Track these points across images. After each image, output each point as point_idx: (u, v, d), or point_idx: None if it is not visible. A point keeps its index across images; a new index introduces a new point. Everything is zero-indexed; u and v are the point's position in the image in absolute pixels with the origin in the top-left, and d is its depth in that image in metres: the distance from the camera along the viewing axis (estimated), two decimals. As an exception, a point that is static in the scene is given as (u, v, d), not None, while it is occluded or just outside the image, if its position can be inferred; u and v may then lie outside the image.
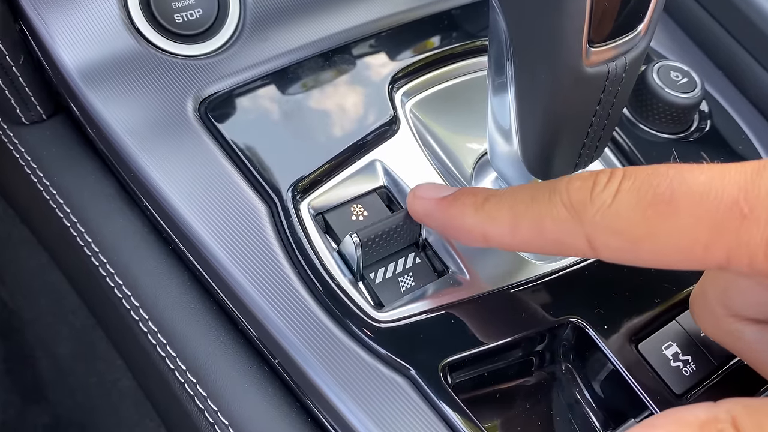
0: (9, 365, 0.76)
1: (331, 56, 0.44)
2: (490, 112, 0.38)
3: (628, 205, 0.27)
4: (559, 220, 0.29)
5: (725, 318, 0.33)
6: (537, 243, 0.30)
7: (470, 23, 0.47)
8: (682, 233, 0.26)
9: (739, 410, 0.25)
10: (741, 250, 0.25)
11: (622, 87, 0.33)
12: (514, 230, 0.31)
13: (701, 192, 0.26)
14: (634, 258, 0.28)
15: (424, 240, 0.38)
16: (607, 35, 0.30)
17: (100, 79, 0.40)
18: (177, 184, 0.38)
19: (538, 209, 0.30)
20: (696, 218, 0.26)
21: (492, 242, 0.32)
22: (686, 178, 0.26)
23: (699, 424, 0.25)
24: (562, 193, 0.29)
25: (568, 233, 0.29)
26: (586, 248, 0.29)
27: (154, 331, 0.39)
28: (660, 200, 0.26)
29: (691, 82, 0.45)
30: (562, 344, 0.37)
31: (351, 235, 0.36)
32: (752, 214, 0.25)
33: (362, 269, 0.37)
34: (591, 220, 0.28)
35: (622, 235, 0.27)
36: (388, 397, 0.33)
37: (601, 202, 0.28)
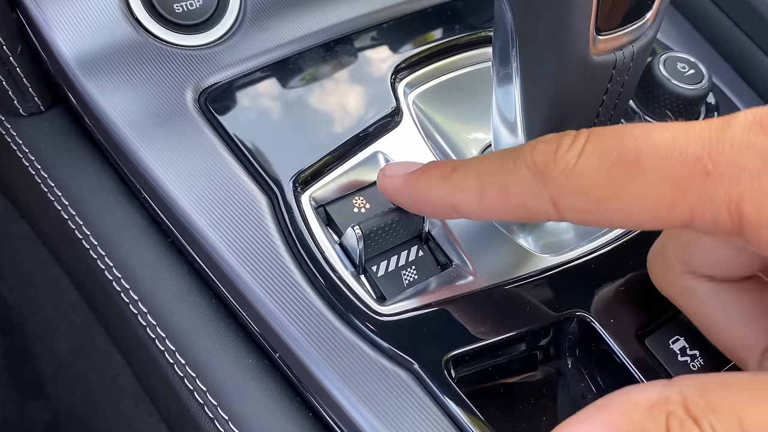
0: (8, 361, 0.76)
1: (332, 47, 0.43)
2: (494, 103, 0.37)
3: (593, 165, 0.27)
4: (523, 183, 0.29)
5: (682, 275, 0.33)
6: (504, 209, 0.30)
7: (474, 13, 0.46)
8: (647, 192, 0.26)
9: (691, 391, 0.24)
10: (704, 206, 0.25)
11: (629, 76, 0.33)
12: (480, 197, 0.30)
13: (666, 150, 0.26)
14: (600, 219, 0.28)
15: (427, 233, 0.38)
16: (615, 23, 0.30)
17: (99, 69, 0.40)
18: (176, 176, 0.38)
19: (503, 175, 0.29)
20: (660, 176, 0.26)
21: (461, 212, 0.32)
22: (651, 136, 0.26)
23: (648, 405, 0.24)
24: (527, 156, 0.29)
25: (533, 196, 0.29)
26: (552, 211, 0.28)
27: (153, 325, 0.38)
28: (625, 159, 0.26)
29: (698, 74, 0.45)
30: (567, 338, 0.36)
31: (353, 227, 0.35)
32: (716, 170, 0.25)
33: (364, 262, 0.36)
34: (555, 181, 0.28)
35: (587, 195, 0.27)
36: (391, 391, 0.33)
37: (565, 163, 0.27)
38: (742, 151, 0.24)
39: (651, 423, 0.24)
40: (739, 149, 0.25)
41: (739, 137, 0.25)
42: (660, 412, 0.24)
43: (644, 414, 0.24)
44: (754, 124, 0.25)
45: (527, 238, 0.39)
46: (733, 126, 0.25)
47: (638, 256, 0.38)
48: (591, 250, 0.38)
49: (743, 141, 0.25)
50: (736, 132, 0.25)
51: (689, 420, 0.24)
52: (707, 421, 0.23)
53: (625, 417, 0.25)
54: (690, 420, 0.24)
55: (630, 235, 0.39)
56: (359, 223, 0.35)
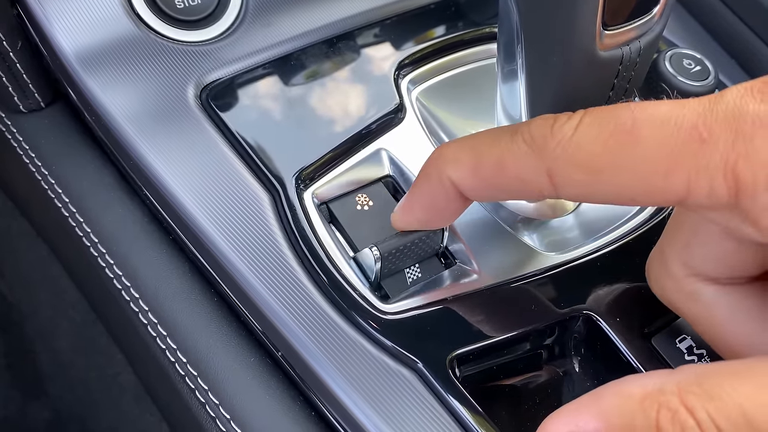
0: (9, 359, 0.76)
1: (335, 43, 0.43)
2: (499, 100, 0.37)
3: (589, 136, 0.27)
4: (519, 155, 0.29)
5: (685, 279, 0.32)
6: (499, 181, 0.30)
7: (479, 9, 0.46)
8: (643, 161, 0.26)
9: (691, 380, 0.24)
10: (700, 174, 0.25)
11: (635, 72, 0.32)
12: (476, 169, 0.30)
13: (662, 120, 0.26)
14: (595, 192, 0.28)
15: (445, 249, 0.37)
16: (622, 18, 0.30)
17: (99, 64, 0.39)
18: (178, 173, 0.37)
19: (499, 147, 0.30)
20: (656, 145, 0.26)
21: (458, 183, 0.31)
22: (647, 108, 0.26)
23: (642, 396, 0.24)
24: (524, 130, 0.29)
25: (529, 168, 0.29)
26: (547, 184, 0.28)
27: (154, 323, 0.38)
28: (621, 129, 0.26)
29: (704, 71, 0.44)
30: (573, 337, 0.36)
31: (371, 248, 0.35)
32: (711, 137, 0.25)
33: (380, 280, 0.36)
34: (552, 153, 0.28)
35: (583, 167, 0.27)
36: (395, 390, 0.33)
37: (561, 135, 0.28)
38: (735, 117, 0.25)
39: (641, 416, 0.23)
40: (732, 115, 0.25)
41: (732, 105, 0.25)
42: (651, 404, 0.23)
43: (635, 406, 0.24)
44: (746, 92, 0.25)
45: (532, 236, 0.39)
46: (726, 96, 0.25)
47: (644, 253, 0.38)
48: (596, 248, 0.38)
49: (736, 107, 0.25)
50: (728, 100, 0.25)
51: (682, 410, 0.23)
52: (704, 410, 0.23)
53: (617, 408, 0.24)
54: (683, 410, 0.23)
55: (636, 233, 0.39)
56: (377, 243, 0.34)
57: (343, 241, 0.37)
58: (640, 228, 0.39)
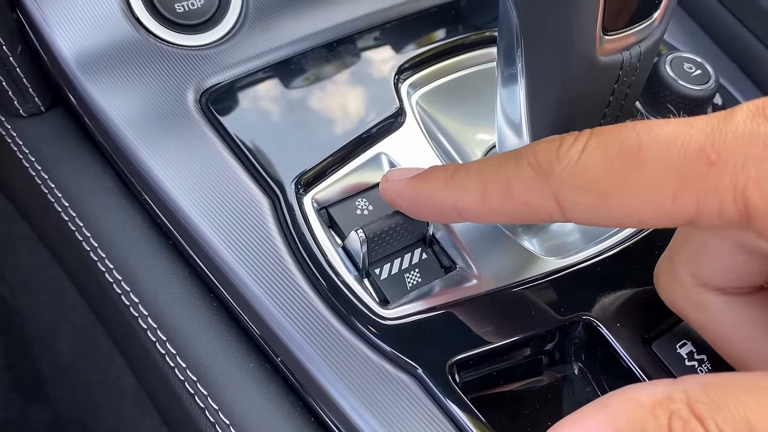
0: (9, 362, 0.76)
1: (335, 47, 0.43)
2: (499, 104, 0.37)
3: (595, 159, 0.27)
4: (526, 181, 0.29)
5: (694, 288, 0.32)
6: (506, 208, 0.30)
7: (479, 13, 0.46)
8: (650, 184, 0.26)
9: (697, 390, 0.23)
10: (709, 197, 0.25)
11: (636, 77, 0.32)
12: (483, 197, 0.30)
13: (668, 141, 0.25)
14: (603, 216, 0.28)
15: (432, 236, 0.37)
16: (622, 23, 0.30)
17: (99, 69, 0.39)
18: (177, 177, 0.37)
19: (505, 173, 0.29)
20: (663, 167, 0.25)
21: (464, 213, 0.31)
22: (653, 129, 0.26)
23: (651, 404, 0.24)
24: (529, 155, 0.29)
25: (536, 193, 0.28)
26: (555, 209, 0.28)
27: (153, 328, 0.38)
28: (627, 152, 0.26)
29: (704, 74, 0.44)
30: (573, 343, 0.36)
31: (356, 231, 0.35)
32: (719, 159, 0.24)
33: (368, 266, 0.36)
34: (558, 177, 0.28)
35: (590, 191, 0.27)
36: (394, 396, 0.33)
37: (567, 160, 0.27)
38: (745, 139, 0.24)
39: (653, 422, 0.23)
40: (742, 137, 0.24)
41: (742, 126, 0.25)
42: (663, 411, 0.23)
43: (646, 413, 0.24)
44: (756, 113, 0.25)
45: (532, 241, 0.38)
46: (735, 116, 0.25)
47: (645, 258, 0.38)
48: (597, 252, 0.38)
49: (746, 129, 0.24)
50: (738, 121, 0.25)
51: (693, 419, 0.23)
52: (713, 420, 0.23)
53: (625, 416, 0.24)
54: (694, 419, 0.23)
55: (636, 238, 0.39)
56: (362, 226, 0.35)
57: (343, 246, 0.37)
58: (641, 233, 0.39)
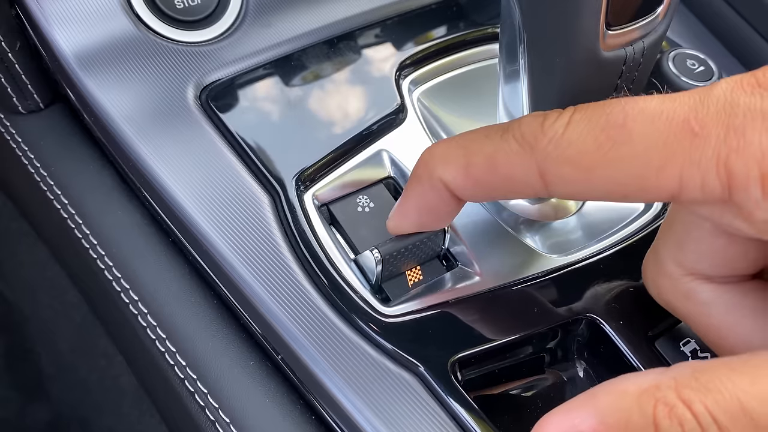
0: (9, 361, 0.76)
1: (336, 43, 0.43)
2: (500, 101, 0.37)
3: (580, 132, 0.27)
4: (510, 153, 0.29)
5: (680, 278, 0.32)
6: (490, 180, 0.30)
7: (480, 9, 0.46)
8: (635, 157, 0.26)
9: (686, 374, 0.23)
10: (693, 169, 0.25)
11: (639, 73, 0.32)
12: (467, 169, 0.30)
13: (653, 114, 0.26)
14: (587, 189, 0.28)
15: (446, 251, 0.37)
16: (626, 18, 0.29)
17: (98, 65, 0.39)
18: (177, 174, 0.37)
19: (490, 145, 0.29)
20: (648, 140, 0.25)
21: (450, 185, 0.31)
22: (638, 102, 0.26)
23: (638, 393, 0.24)
24: (514, 128, 0.29)
25: (520, 166, 0.28)
26: (538, 182, 0.28)
27: (153, 326, 0.38)
28: (612, 125, 0.26)
29: (707, 71, 0.44)
30: (576, 340, 0.36)
31: (372, 251, 0.34)
32: (702, 131, 0.25)
33: (381, 282, 0.35)
34: (543, 150, 0.28)
35: (575, 163, 0.27)
36: (396, 394, 0.32)
37: (553, 132, 0.27)
38: (726, 110, 0.25)
39: (637, 412, 0.23)
40: (723, 109, 0.25)
41: (723, 98, 0.25)
42: (648, 399, 0.23)
43: (631, 402, 0.24)
44: (736, 86, 0.25)
45: (534, 238, 0.38)
46: (716, 89, 0.25)
47: (647, 256, 0.38)
48: (599, 250, 0.38)
49: (727, 100, 0.25)
50: (719, 94, 0.25)
51: (680, 405, 0.23)
52: (701, 403, 0.22)
53: (611, 407, 0.24)
54: (681, 404, 0.23)
55: (639, 235, 0.39)
56: (378, 246, 0.34)
57: (344, 244, 0.37)
58: (644, 230, 0.39)
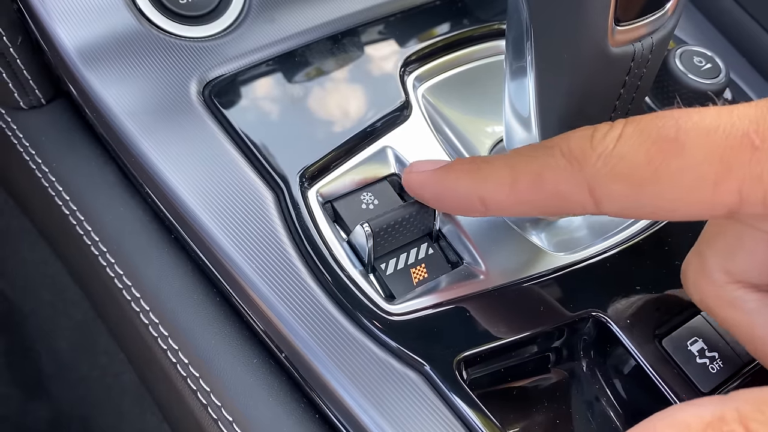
0: (10, 358, 0.76)
1: (340, 39, 0.42)
2: (507, 98, 0.36)
3: (632, 146, 0.26)
4: (558, 169, 0.28)
5: (726, 285, 0.30)
6: (537, 198, 0.29)
7: (487, 5, 0.45)
8: (690, 171, 0.25)
9: (749, 407, 0.23)
10: (754, 184, 0.24)
11: (647, 69, 0.32)
12: (512, 186, 0.29)
13: (709, 127, 0.25)
14: (639, 206, 0.27)
15: (438, 231, 0.37)
16: (634, 13, 0.29)
17: (100, 60, 0.39)
18: (180, 170, 0.37)
19: (537, 162, 0.28)
20: (704, 153, 0.24)
21: (490, 205, 0.30)
22: (692, 115, 0.25)
23: (701, 426, 0.23)
24: (562, 144, 0.28)
25: (569, 183, 0.27)
26: (588, 200, 0.27)
27: (155, 323, 0.37)
28: (665, 138, 0.25)
29: (715, 68, 0.44)
30: (582, 339, 0.35)
31: (362, 225, 0.34)
32: (764, 144, 0.24)
33: (373, 260, 0.35)
34: (593, 167, 0.27)
35: (626, 179, 0.26)
36: (401, 392, 0.32)
37: (603, 148, 0.27)
38: None
39: None
40: None
41: None
42: None
43: None
44: None
45: (540, 236, 0.38)
46: None
47: (654, 254, 0.37)
48: (606, 248, 0.37)
49: None
50: None
51: None
52: None
53: None
54: None
55: (646, 233, 0.38)
56: (368, 220, 0.34)
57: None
58: (651, 228, 0.38)
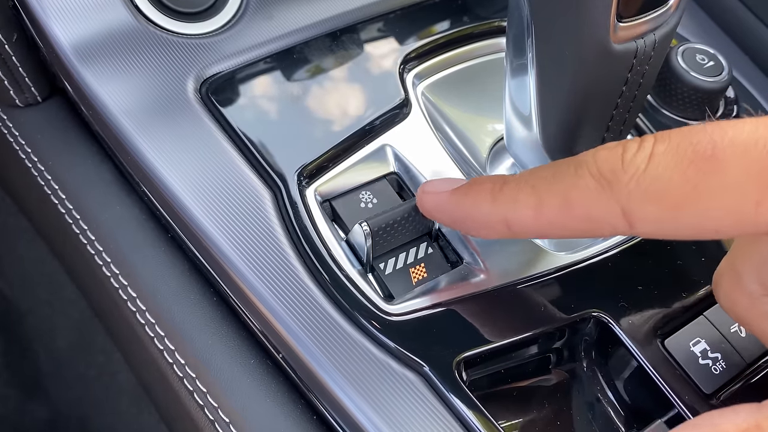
0: (8, 358, 0.75)
1: (339, 36, 0.42)
2: (507, 95, 0.36)
3: (666, 166, 0.24)
4: (588, 191, 0.26)
5: (762, 298, 0.29)
6: (564, 222, 0.27)
7: (487, 2, 0.45)
8: (730, 190, 0.24)
9: None
10: None
11: (650, 66, 0.31)
12: (538, 210, 0.27)
13: (747, 142, 0.24)
14: (676, 228, 0.25)
15: (438, 230, 0.36)
16: (637, 10, 0.29)
17: (96, 57, 0.38)
18: (176, 169, 0.36)
19: (563, 184, 0.27)
20: (744, 171, 0.23)
21: (515, 228, 0.29)
22: (727, 131, 0.24)
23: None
24: (589, 163, 0.26)
25: (600, 206, 0.26)
26: (621, 223, 0.26)
27: (151, 323, 0.37)
28: (701, 157, 0.24)
29: (717, 66, 0.43)
30: (583, 340, 0.35)
31: (361, 224, 0.34)
32: None
33: (372, 260, 0.35)
34: (625, 188, 0.25)
35: (662, 201, 0.25)
36: (399, 393, 0.32)
37: (635, 168, 0.25)
38: None
39: None
40: None
41: None
42: None
43: None
44: None
45: (541, 235, 0.38)
46: None
47: (656, 254, 0.37)
48: (608, 247, 0.37)
49: None
50: None
51: None
52: None
53: None
54: None
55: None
56: (367, 219, 0.34)
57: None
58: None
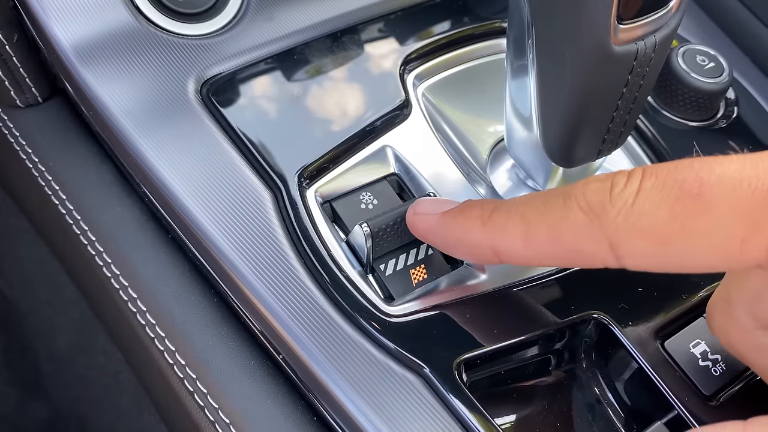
0: (8, 357, 0.75)
1: (339, 37, 0.42)
2: (507, 96, 0.36)
3: (653, 202, 0.25)
4: (576, 224, 0.27)
5: (754, 331, 0.30)
6: (553, 253, 0.28)
7: (488, 3, 0.45)
8: (716, 228, 0.24)
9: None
10: None
11: (650, 68, 0.31)
12: (526, 240, 0.28)
13: (733, 181, 0.24)
14: (663, 263, 0.26)
15: None
16: (637, 11, 0.29)
17: (97, 57, 0.38)
18: (177, 169, 0.36)
19: (552, 215, 0.27)
20: (730, 210, 0.24)
21: (503, 256, 0.29)
22: (714, 168, 0.24)
23: None
24: (578, 196, 0.27)
25: (588, 239, 0.26)
26: (608, 256, 0.27)
27: (152, 324, 0.37)
28: (688, 194, 0.24)
29: (718, 67, 0.43)
30: (583, 341, 0.35)
31: (361, 225, 0.34)
32: None
33: (372, 261, 0.35)
34: (612, 222, 0.26)
35: (649, 236, 0.25)
36: (400, 395, 0.32)
37: (622, 202, 0.26)
38: None
39: None
40: None
41: None
42: None
43: None
44: None
45: (541, 237, 0.38)
46: None
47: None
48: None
49: None
50: None
51: None
52: None
53: None
54: None
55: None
56: (367, 220, 0.34)
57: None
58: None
